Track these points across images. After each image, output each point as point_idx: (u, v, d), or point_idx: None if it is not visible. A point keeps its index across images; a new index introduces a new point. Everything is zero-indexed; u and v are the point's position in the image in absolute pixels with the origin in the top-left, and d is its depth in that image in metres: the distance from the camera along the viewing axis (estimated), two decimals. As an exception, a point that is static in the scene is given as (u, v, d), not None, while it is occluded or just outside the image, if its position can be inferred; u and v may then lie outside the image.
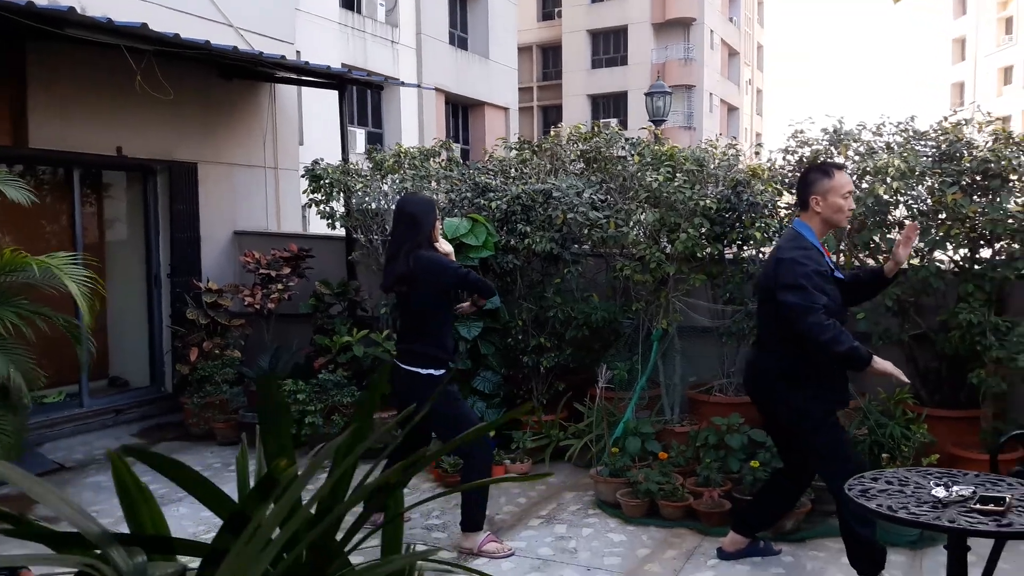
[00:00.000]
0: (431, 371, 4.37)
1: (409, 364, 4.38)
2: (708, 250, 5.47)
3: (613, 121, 7.01)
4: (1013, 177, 5.06)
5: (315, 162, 6.94)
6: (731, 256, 5.77)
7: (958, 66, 50.83)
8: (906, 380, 3.58)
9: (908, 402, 5.12)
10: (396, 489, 1.19)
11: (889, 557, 4.28)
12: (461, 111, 22.85)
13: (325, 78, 7.79)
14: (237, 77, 7.83)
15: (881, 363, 3.55)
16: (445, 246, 4.58)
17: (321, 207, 6.87)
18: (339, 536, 1.17)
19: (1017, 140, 5.11)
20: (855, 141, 5.41)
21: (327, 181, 6.71)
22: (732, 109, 42.66)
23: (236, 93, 8.04)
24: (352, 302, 7.02)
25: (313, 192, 6.85)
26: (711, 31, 37.88)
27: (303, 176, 7.10)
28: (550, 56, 39.15)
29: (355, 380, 6.39)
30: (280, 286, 6.85)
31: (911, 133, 5.35)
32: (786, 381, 3.84)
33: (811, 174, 3.86)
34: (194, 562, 1.17)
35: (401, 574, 1.25)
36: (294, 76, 8.01)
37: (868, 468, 3.85)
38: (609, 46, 37.57)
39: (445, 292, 4.48)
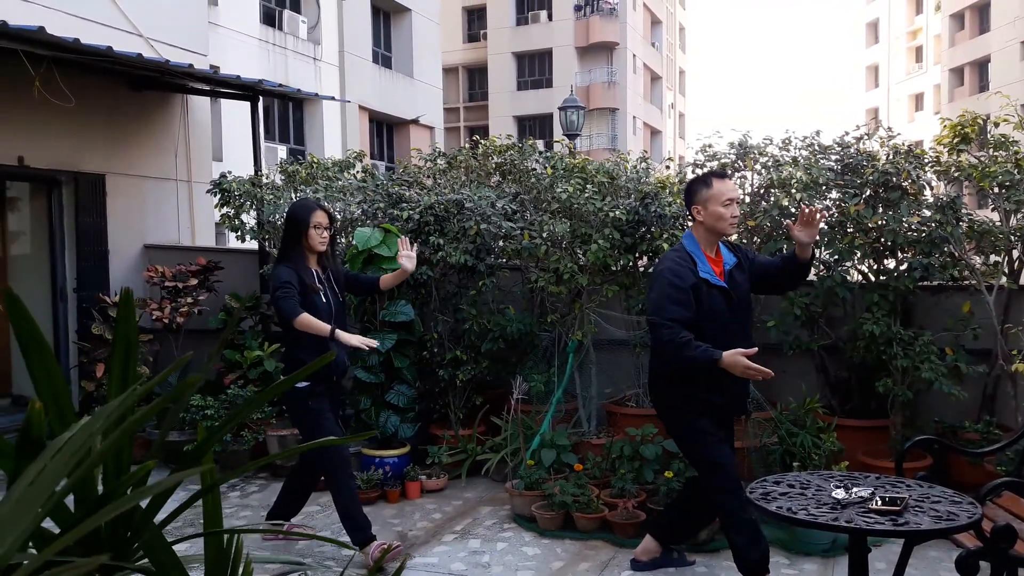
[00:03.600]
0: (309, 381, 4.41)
1: None
2: (621, 261, 5.49)
3: (540, 142, 7.10)
4: (912, 190, 5.22)
5: (223, 175, 6.77)
6: (644, 268, 5.81)
7: (872, 92, 52.78)
8: (757, 374, 3.49)
9: (819, 411, 5.20)
10: (206, 451, 1.12)
11: (802, 565, 4.33)
12: (386, 129, 22.70)
13: (237, 88, 7.63)
14: (147, 88, 7.62)
15: (729, 357, 3.50)
16: (404, 256, 4.57)
17: (233, 221, 6.69)
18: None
19: (916, 153, 5.28)
20: (761, 155, 5.52)
21: (237, 194, 6.54)
22: (655, 132, 43.43)
23: (146, 104, 7.81)
24: (264, 316, 6.85)
25: (224, 205, 6.67)
26: (633, 55, 38.56)
27: (208, 191, 6.91)
28: (476, 77, 39.31)
29: (266, 396, 6.22)
30: (189, 300, 6.65)
31: (816, 147, 5.48)
32: (664, 383, 3.92)
33: (692, 184, 3.90)
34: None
35: (225, 548, 1.19)
36: (206, 87, 7.83)
37: (739, 481, 3.81)
38: (534, 69, 37.91)
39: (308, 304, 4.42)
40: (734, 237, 5.60)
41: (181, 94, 8.03)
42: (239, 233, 6.62)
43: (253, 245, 7.15)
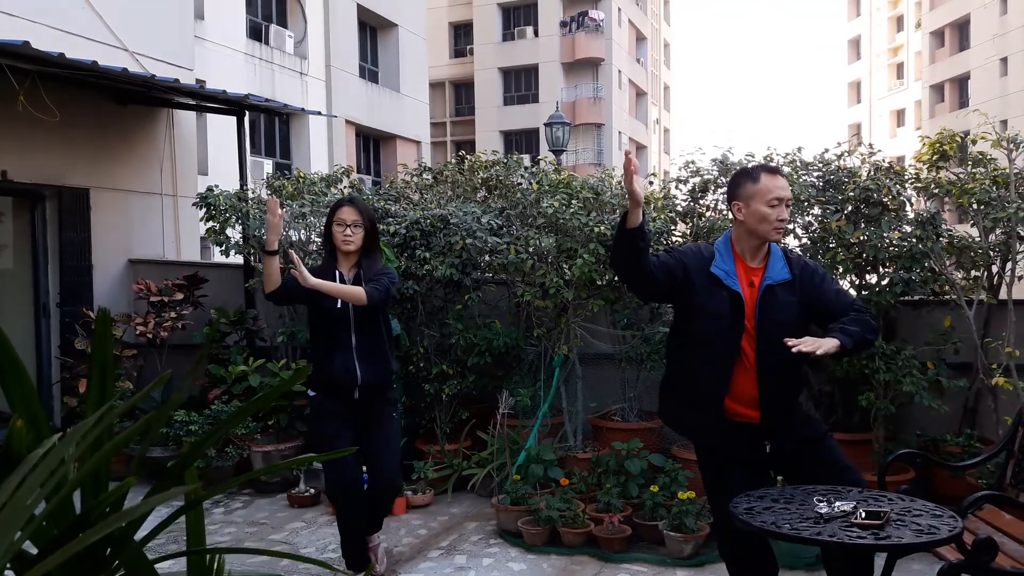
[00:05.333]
0: (308, 389, 4.27)
1: None
2: (606, 276, 5.52)
3: (526, 158, 7.09)
4: (895, 206, 5.27)
5: (209, 189, 6.76)
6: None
7: (854, 108, 53.33)
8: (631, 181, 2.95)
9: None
10: (189, 464, 1.13)
11: (786, 579, 4.34)
12: (372, 144, 22.73)
13: (223, 103, 7.64)
14: (132, 102, 7.61)
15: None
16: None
17: (218, 235, 6.67)
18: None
19: (897, 170, 5.35)
20: (745, 170, 5.56)
21: (222, 208, 6.53)
22: (641, 147, 43.64)
23: (131, 119, 7.80)
24: (249, 331, 6.83)
25: (209, 220, 6.66)
26: (619, 71, 38.80)
27: (194, 204, 6.89)
28: (463, 92, 39.45)
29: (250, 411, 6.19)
30: (173, 314, 6.62)
31: (798, 164, 5.53)
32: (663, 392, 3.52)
33: (735, 178, 3.33)
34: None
35: (206, 568, 1.19)
36: (192, 102, 7.82)
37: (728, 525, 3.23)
38: (521, 84, 38.10)
39: (310, 310, 4.22)
40: None
41: (167, 108, 8.02)
42: (224, 248, 6.60)
43: (239, 260, 7.14)
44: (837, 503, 2.84)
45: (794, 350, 2.92)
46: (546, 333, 5.93)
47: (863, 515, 2.71)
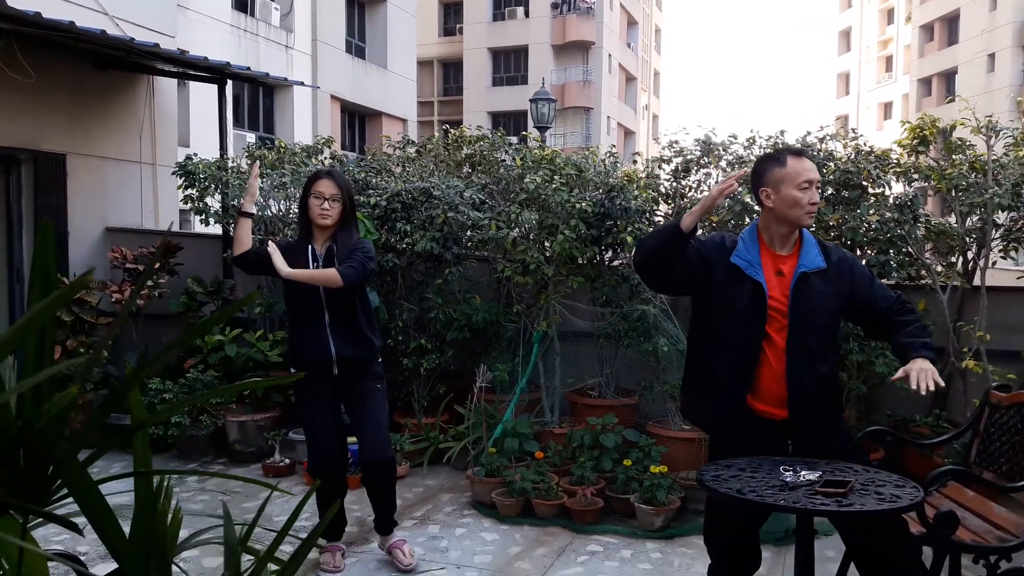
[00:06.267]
0: (291, 368, 4.23)
1: None
2: (587, 254, 5.53)
3: (513, 138, 7.05)
4: (875, 189, 5.30)
5: (188, 158, 6.71)
6: (609, 261, 5.85)
7: (843, 99, 53.45)
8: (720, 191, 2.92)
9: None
10: (132, 386, 1.12)
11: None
12: (358, 120, 22.59)
13: (204, 71, 7.56)
14: (112, 68, 7.51)
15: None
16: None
17: (197, 204, 6.62)
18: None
19: (878, 154, 5.38)
20: (725, 151, 5.58)
21: (202, 176, 6.48)
22: (629, 133, 43.60)
23: (111, 84, 7.70)
24: (226, 301, 6.79)
25: (187, 188, 6.60)
26: (609, 55, 38.69)
27: (173, 173, 6.82)
28: (451, 72, 39.24)
29: (226, 380, 6.18)
30: (150, 283, 6.58)
31: (780, 146, 5.55)
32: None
33: (761, 164, 3.15)
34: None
35: (153, 491, 1.19)
36: (173, 69, 7.74)
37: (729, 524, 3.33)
38: (510, 65, 37.91)
39: (284, 286, 4.12)
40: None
41: (147, 75, 7.94)
42: (203, 216, 6.56)
43: (217, 230, 7.09)
44: (803, 472, 2.87)
45: (923, 391, 2.80)
46: (526, 309, 5.94)
47: (827, 484, 2.74)
